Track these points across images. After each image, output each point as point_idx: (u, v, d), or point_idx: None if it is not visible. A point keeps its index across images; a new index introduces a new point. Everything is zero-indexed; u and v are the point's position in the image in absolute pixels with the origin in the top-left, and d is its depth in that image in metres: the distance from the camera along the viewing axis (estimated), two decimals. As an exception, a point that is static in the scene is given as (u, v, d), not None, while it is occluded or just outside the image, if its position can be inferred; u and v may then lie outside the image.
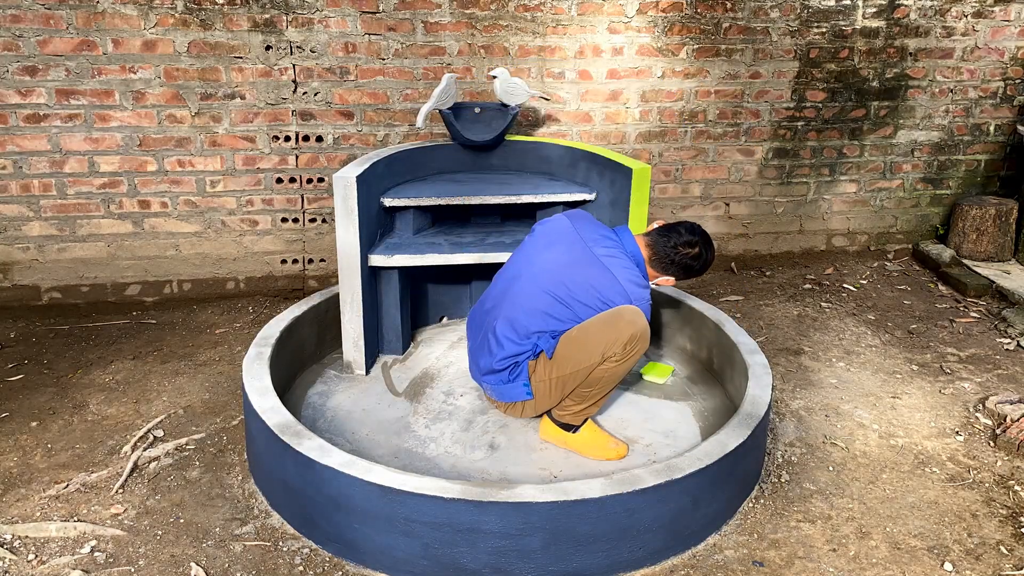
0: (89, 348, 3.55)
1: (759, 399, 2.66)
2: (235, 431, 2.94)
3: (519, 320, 2.60)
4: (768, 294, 4.28)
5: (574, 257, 2.61)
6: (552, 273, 2.60)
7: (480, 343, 2.72)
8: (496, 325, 2.64)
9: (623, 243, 2.65)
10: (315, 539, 2.38)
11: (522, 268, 2.69)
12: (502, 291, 2.70)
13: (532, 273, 2.64)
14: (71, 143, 3.72)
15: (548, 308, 2.58)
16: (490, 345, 2.65)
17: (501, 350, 2.61)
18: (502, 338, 2.61)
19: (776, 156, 4.43)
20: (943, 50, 4.40)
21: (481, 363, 2.71)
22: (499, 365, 2.63)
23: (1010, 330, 3.86)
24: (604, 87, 4.11)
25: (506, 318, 2.62)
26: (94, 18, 3.57)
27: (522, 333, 2.60)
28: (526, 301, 2.61)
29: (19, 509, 2.49)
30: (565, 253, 2.63)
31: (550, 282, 2.59)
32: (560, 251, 2.64)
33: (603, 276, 2.56)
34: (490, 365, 2.66)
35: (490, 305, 2.73)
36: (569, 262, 2.60)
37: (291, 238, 4.06)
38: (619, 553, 2.26)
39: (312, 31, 3.75)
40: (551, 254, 2.65)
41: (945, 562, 2.38)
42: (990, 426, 3.07)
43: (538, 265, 2.64)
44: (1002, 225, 4.51)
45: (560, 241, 2.66)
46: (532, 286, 2.61)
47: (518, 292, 2.64)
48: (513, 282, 2.68)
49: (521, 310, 2.61)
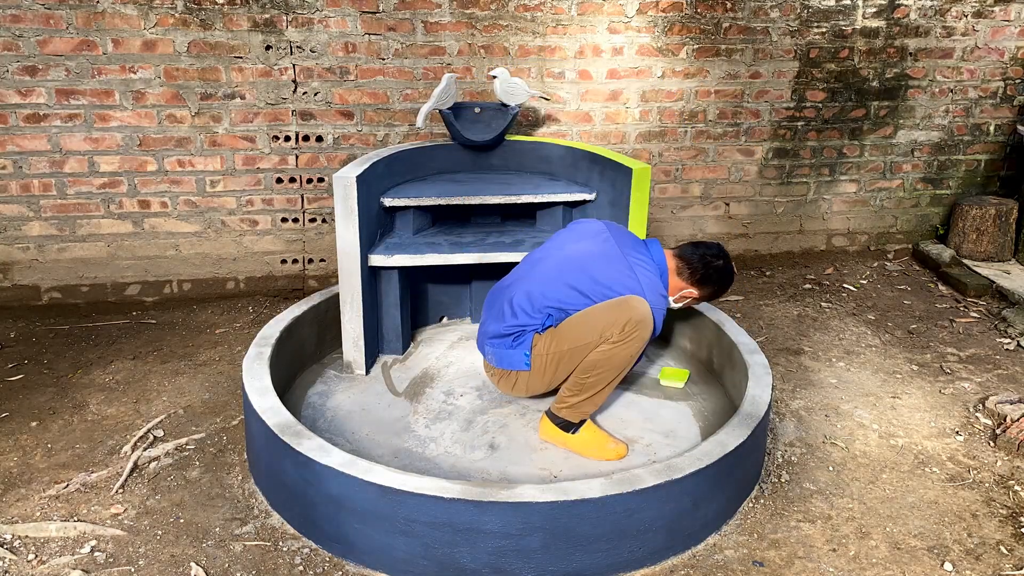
0: (89, 348, 3.55)
1: (759, 399, 2.66)
2: (235, 431, 2.94)
3: (536, 293, 2.69)
4: (768, 294, 4.28)
5: (603, 252, 2.70)
6: (579, 262, 2.69)
7: (495, 312, 2.80)
8: (514, 295, 2.73)
9: (651, 254, 2.73)
10: (315, 539, 2.38)
11: (551, 252, 2.79)
12: (527, 270, 2.80)
13: (560, 258, 2.74)
14: (71, 143, 3.72)
15: (567, 291, 2.66)
16: (503, 312, 2.74)
17: (513, 318, 2.70)
18: (517, 308, 2.70)
19: (776, 156, 4.43)
20: (943, 50, 4.40)
21: (490, 328, 2.78)
22: (506, 330, 2.71)
23: (1010, 330, 3.86)
24: (604, 87, 4.11)
25: (525, 291, 2.72)
26: (94, 18, 3.57)
27: (537, 306, 2.68)
28: (548, 279, 2.70)
29: (19, 509, 2.49)
30: (595, 248, 2.72)
31: (575, 268, 2.68)
32: (590, 245, 2.74)
33: (626, 277, 2.63)
34: (498, 330, 2.74)
35: (511, 280, 2.82)
36: (597, 255, 2.69)
37: (291, 238, 4.06)
38: (619, 553, 2.26)
39: (312, 31, 3.75)
40: (582, 246, 2.74)
41: (945, 562, 2.38)
42: (990, 426, 3.07)
43: (567, 252, 2.75)
44: (1002, 225, 4.51)
45: (593, 238, 2.76)
46: (557, 270, 2.71)
47: (543, 271, 2.74)
48: (539, 263, 2.78)
49: (541, 285, 2.70)
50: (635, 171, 3.06)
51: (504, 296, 2.78)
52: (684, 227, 4.44)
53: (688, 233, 4.45)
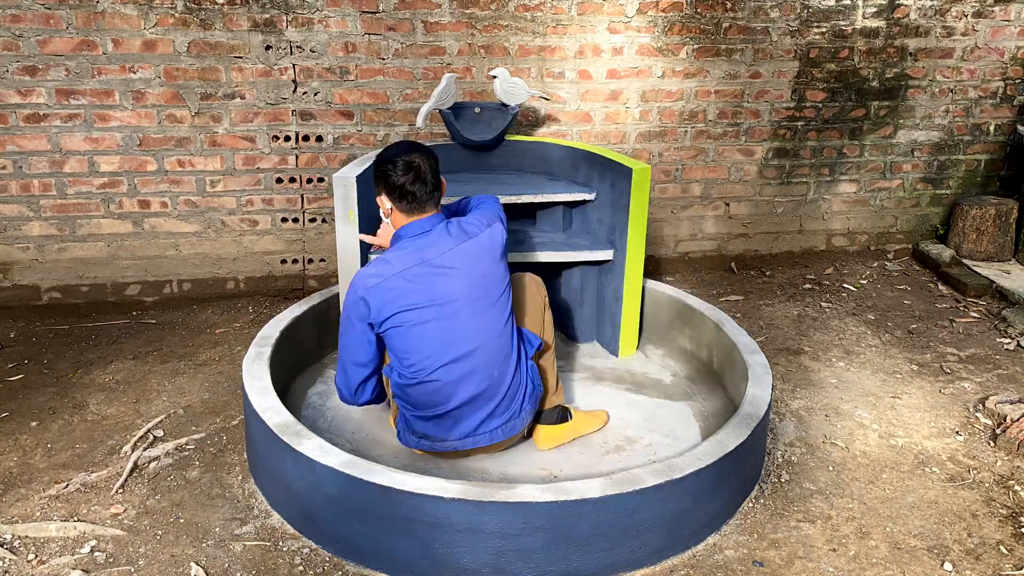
0: (89, 348, 3.55)
1: (759, 399, 2.66)
2: (235, 431, 2.94)
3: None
4: (768, 294, 4.28)
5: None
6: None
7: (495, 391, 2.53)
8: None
9: (418, 237, 2.48)
10: (315, 539, 2.38)
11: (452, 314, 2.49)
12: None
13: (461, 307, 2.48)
14: (71, 143, 3.72)
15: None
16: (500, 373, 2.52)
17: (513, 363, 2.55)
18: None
19: (776, 156, 4.43)
20: (943, 50, 4.40)
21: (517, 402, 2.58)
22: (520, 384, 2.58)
23: (1010, 330, 3.86)
24: (604, 87, 4.11)
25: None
26: (94, 18, 3.57)
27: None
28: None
29: (19, 509, 2.49)
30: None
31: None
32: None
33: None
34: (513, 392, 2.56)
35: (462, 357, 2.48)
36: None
37: (291, 238, 4.06)
38: (619, 553, 2.26)
39: (312, 31, 3.75)
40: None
41: (945, 562, 2.38)
42: (990, 426, 3.07)
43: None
44: (1002, 225, 4.51)
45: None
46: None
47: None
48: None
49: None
50: (635, 171, 3.06)
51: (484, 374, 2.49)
52: (684, 227, 4.44)
53: (688, 233, 4.46)
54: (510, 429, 2.56)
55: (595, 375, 3.25)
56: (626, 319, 3.32)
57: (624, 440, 2.80)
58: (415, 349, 2.41)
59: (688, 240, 4.47)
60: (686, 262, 4.52)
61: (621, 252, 3.21)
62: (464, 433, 2.51)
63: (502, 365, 2.49)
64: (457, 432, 2.51)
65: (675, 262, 4.50)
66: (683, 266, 4.52)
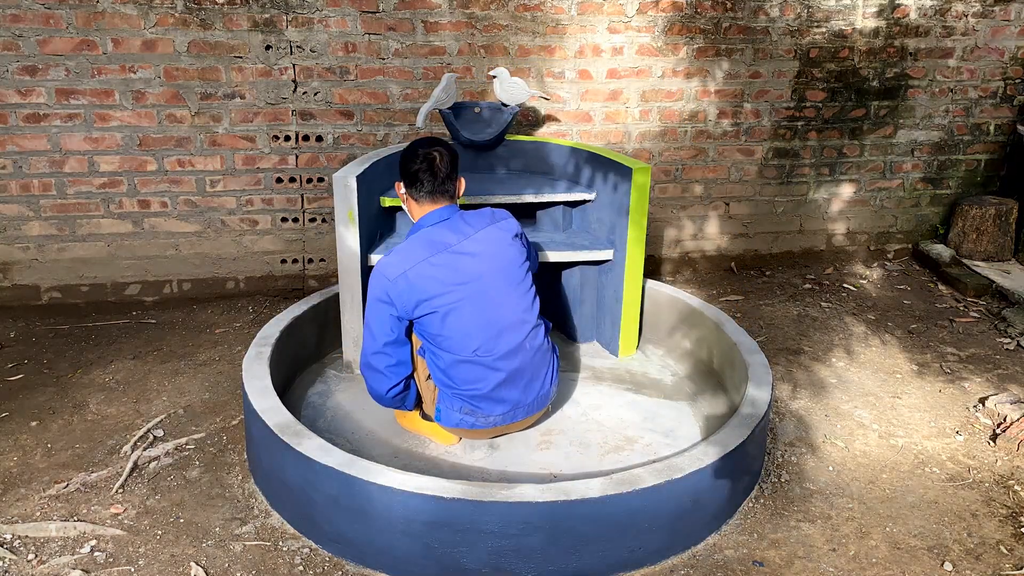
0: (89, 348, 3.55)
1: (759, 399, 2.66)
2: (235, 431, 2.94)
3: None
4: (768, 294, 4.28)
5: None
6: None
7: (520, 359, 2.61)
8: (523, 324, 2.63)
9: (433, 226, 2.62)
10: (315, 539, 2.38)
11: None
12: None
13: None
14: (71, 143, 3.72)
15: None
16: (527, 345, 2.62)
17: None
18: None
19: (776, 156, 4.43)
20: (943, 50, 4.39)
21: (535, 379, 2.67)
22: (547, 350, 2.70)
23: (1010, 330, 3.86)
24: (604, 87, 4.11)
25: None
26: (94, 18, 3.56)
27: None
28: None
29: (19, 509, 2.49)
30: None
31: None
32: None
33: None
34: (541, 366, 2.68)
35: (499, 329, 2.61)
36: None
37: (291, 238, 4.06)
38: (619, 553, 2.26)
39: (312, 31, 3.75)
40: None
41: (945, 562, 2.38)
42: (990, 426, 3.07)
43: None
44: (1002, 225, 4.51)
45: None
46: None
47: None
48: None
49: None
50: (635, 171, 3.06)
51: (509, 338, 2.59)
52: (684, 227, 4.44)
53: (688, 233, 4.46)
54: (541, 401, 2.70)
55: (595, 375, 3.25)
56: (626, 319, 3.32)
57: (624, 440, 2.80)
58: (454, 332, 2.52)
59: (688, 240, 4.47)
60: (686, 262, 4.52)
61: (621, 252, 3.21)
62: (506, 407, 2.61)
63: (533, 340, 2.62)
64: (500, 407, 2.60)
65: (675, 262, 4.50)
66: (683, 266, 4.52)
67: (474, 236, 2.58)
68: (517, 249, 2.66)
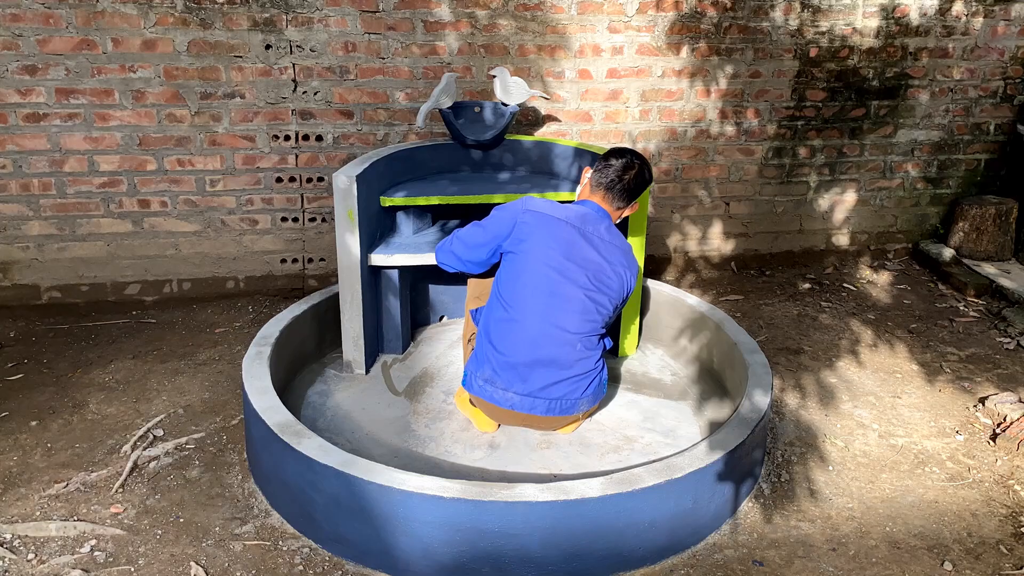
0: (89, 347, 3.55)
1: (759, 399, 2.66)
2: (235, 430, 2.94)
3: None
4: (768, 293, 4.28)
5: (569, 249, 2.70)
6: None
7: (545, 350, 2.63)
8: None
9: (587, 207, 2.74)
10: (315, 538, 2.38)
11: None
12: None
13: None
14: (71, 142, 3.72)
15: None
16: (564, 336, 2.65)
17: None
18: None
19: (776, 155, 4.43)
20: (943, 49, 4.39)
21: (556, 369, 2.66)
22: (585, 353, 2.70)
23: (1010, 329, 3.86)
24: (604, 86, 4.11)
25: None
26: (94, 17, 3.56)
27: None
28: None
29: (19, 508, 2.49)
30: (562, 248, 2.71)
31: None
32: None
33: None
34: (572, 358, 2.67)
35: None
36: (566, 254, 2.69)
37: (291, 237, 4.06)
38: (619, 553, 2.26)
39: (312, 30, 3.75)
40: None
41: (945, 561, 2.38)
42: (990, 425, 3.08)
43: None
44: (1002, 224, 4.51)
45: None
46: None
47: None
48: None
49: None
50: (635, 170, 3.06)
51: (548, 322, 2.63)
52: (684, 226, 4.44)
53: (688, 232, 4.45)
54: (569, 406, 2.67)
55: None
56: (626, 319, 3.32)
57: (624, 440, 2.80)
58: (522, 283, 2.60)
59: (688, 240, 4.47)
60: (686, 262, 4.52)
61: (621, 252, 3.21)
62: (529, 390, 2.61)
63: (584, 343, 2.64)
64: (524, 387, 2.61)
65: (675, 262, 4.50)
66: (683, 266, 4.52)
67: (603, 239, 2.67)
68: (618, 281, 2.68)
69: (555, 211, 2.67)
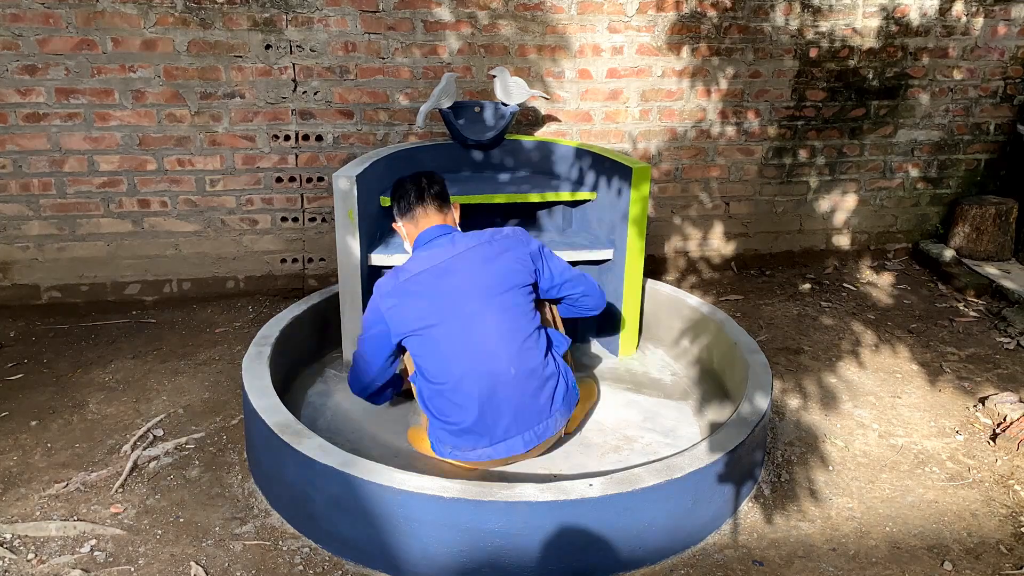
0: (89, 347, 3.55)
1: (759, 399, 2.66)
2: (235, 430, 2.94)
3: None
4: (768, 293, 4.28)
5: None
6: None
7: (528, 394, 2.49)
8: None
9: (435, 237, 2.61)
10: (315, 538, 2.38)
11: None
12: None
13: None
14: (71, 142, 3.72)
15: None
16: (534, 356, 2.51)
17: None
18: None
19: (776, 155, 4.43)
20: (943, 49, 4.39)
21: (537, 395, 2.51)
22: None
23: (1010, 329, 3.86)
24: (604, 86, 4.11)
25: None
26: (94, 17, 3.56)
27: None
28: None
29: (19, 508, 2.49)
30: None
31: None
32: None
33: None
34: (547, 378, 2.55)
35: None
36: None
37: (291, 237, 4.06)
38: (619, 552, 2.26)
39: (312, 30, 3.75)
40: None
41: (945, 561, 2.38)
42: (990, 425, 3.07)
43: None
44: (1002, 224, 4.51)
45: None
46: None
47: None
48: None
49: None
50: (635, 170, 3.06)
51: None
52: (684, 226, 4.44)
53: (688, 232, 4.45)
54: (543, 432, 2.51)
55: (595, 374, 3.24)
56: (626, 318, 3.32)
57: (624, 440, 2.80)
58: (433, 354, 2.44)
59: (688, 240, 4.47)
60: (686, 262, 4.52)
61: (621, 251, 3.21)
62: (495, 439, 2.46)
63: (521, 363, 2.45)
64: (487, 439, 2.46)
65: (675, 261, 4.50)
66: (683, 265, 4.52)
67: (461, 253, 2.50)
68: (509, 265, 2.50)
69: (416, 265, 2.49)
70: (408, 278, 2.48)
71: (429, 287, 2.45)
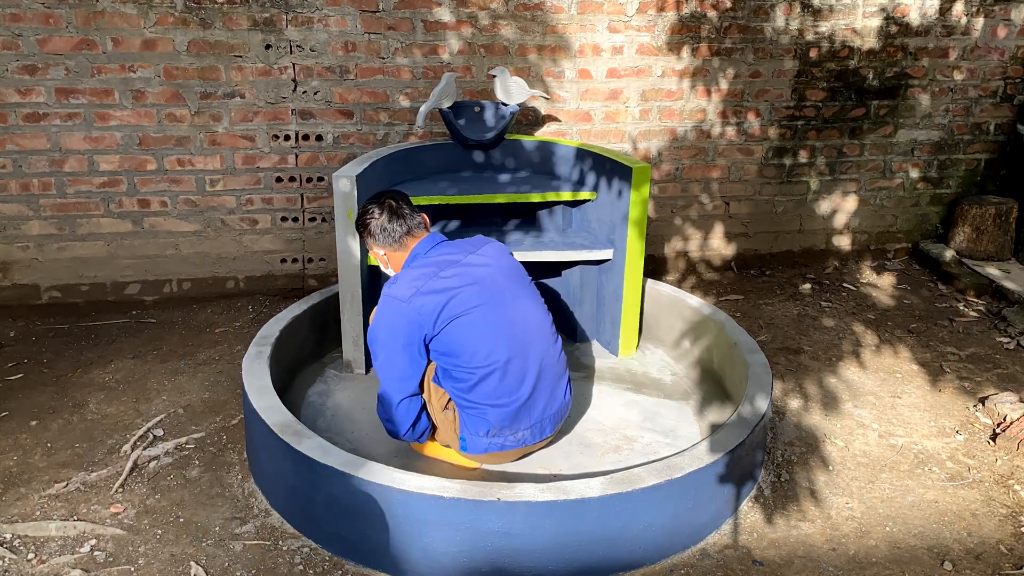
0: (89, 347, 3.55)
1: (759, 399, 2.66)
2: (235, 430, 2.94)
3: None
4: (768, 293, 4.28)
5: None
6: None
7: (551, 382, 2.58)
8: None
9: (428, 249, 2.58)
10: (315, 538, 2.38)
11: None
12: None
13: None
14: (71, 142, 3.72)
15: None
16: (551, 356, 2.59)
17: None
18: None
19: (776, 155, 4.43)
20: (943, 49, 4.39)
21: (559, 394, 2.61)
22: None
23: (1010, 329, 3.86)
24: (604, 86, 4.11)
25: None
26: (93, 17, 3.56)
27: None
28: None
29: (19, 508, 2.49)
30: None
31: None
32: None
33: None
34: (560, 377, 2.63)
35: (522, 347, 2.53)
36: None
37: (291, 237, 4.06)
38: (619, 552, 2.26)
39: (312, 30, 3.75)
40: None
41: (945, 561, 2.38)
42: (990, 425, 3.07)
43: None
44: (1002, 224, 4.51)
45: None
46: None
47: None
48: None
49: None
50: (635, 170, 3.06)
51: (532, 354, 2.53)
52: (684, 226, 4.44)
53: (688, 232, 4.45)
54: (562, 413, 2.64)
55: (595, 374, 3.25)
56: (626, 318, 3.32)
57: (624, 440, 2.80)
58: (477, 341, 2.43)
59: (688, 240, 4.47)
60: (686, 262, 4.52)
61: (621, 251, 3.21)
62: (534, 420, 2.53)
63: (552, 347, 2.58)
64: (528, 420, 2.52)
65: (675, 261, 4.50)
66: (683, 265, 4.52)
67: (478, 251, 2.57)
68: (519, 264, 2.66)
69: (420, 276, 2.47)
70: (434, 276, 2.44)
71: (463, 276, 2.46)
